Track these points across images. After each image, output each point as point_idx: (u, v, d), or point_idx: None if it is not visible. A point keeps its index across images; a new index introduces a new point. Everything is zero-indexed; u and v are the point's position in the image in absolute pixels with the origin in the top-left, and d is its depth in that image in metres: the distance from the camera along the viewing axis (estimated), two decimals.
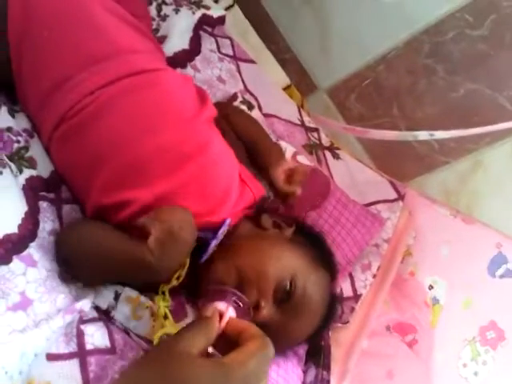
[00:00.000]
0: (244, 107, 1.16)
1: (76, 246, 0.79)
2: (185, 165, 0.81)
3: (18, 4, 0.82)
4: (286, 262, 0.87)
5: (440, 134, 1.17)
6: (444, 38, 1.23)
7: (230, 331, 0.65)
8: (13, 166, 0.79)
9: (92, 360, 0.71)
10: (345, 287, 1.11)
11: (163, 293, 0.81)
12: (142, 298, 0.82)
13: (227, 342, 0.64)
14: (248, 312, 0.77)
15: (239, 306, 0.74)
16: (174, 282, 0.81)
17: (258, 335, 0.63)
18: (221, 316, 0.66)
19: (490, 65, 1.21)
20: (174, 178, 0.80)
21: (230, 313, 0.68)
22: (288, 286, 0.85)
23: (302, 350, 1.01)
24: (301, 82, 1.47)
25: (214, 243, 0.82)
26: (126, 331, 0.81)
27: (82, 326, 0.74)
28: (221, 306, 0.69)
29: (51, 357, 0.69)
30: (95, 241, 0.79)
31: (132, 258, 0.75)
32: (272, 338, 0.85)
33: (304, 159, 1.13)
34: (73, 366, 0.70)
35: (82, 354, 0.71)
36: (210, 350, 0.64)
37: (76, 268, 0.80)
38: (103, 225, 0.81)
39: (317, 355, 1.02)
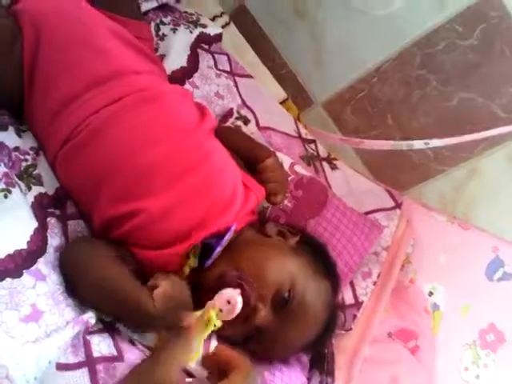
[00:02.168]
0: (240, 123, 1.18)
1: (79, 272, 0.80)
2: (187, 175, 0.83)
3: (32, 32, 0.85)
4: (286, 269, 0.88)
5: (435, 143, 1.18)
6: (435, 49, 1.25)
7: (220, 358, 0.70)
8: (22, 184, 0.81)
9: (101, 367, 0.72)
10: (346, 295, 1.12)
11: None
12: None
13: (220, 369, 0.69)
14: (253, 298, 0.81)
15: (245, 291, 0.77)
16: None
17: (241, 365, 0.68)
18: (229, 302, 0.70)
19: (481, 73, 1.22)
20: (178, 189, 0.82)
21: (238, 299, 0.72)
22: (286, 293, 0.86)
23: (306, 358, 1.02)
24: (297, 97, 1.49)
25: (218, 249, 0.83)
26: (131, 340, 0.81)
27: (88, 337, 0.75)
28: (230, 292, 0.73)
29: (61, 366, 0.70)
30: (99, 273, 0.78)
31: (133, 303, 0.75)
32: (269, 343, 0.88)
33: (301, 169, 1.14)
34: (82, 375, 0.71)
35: (90, 362, 0.72)
36: (205, 373, 0.69)
37: (74, 288, 0.80)
38: (107, 253, 0.81)
39: (320, 362, 1.03)
